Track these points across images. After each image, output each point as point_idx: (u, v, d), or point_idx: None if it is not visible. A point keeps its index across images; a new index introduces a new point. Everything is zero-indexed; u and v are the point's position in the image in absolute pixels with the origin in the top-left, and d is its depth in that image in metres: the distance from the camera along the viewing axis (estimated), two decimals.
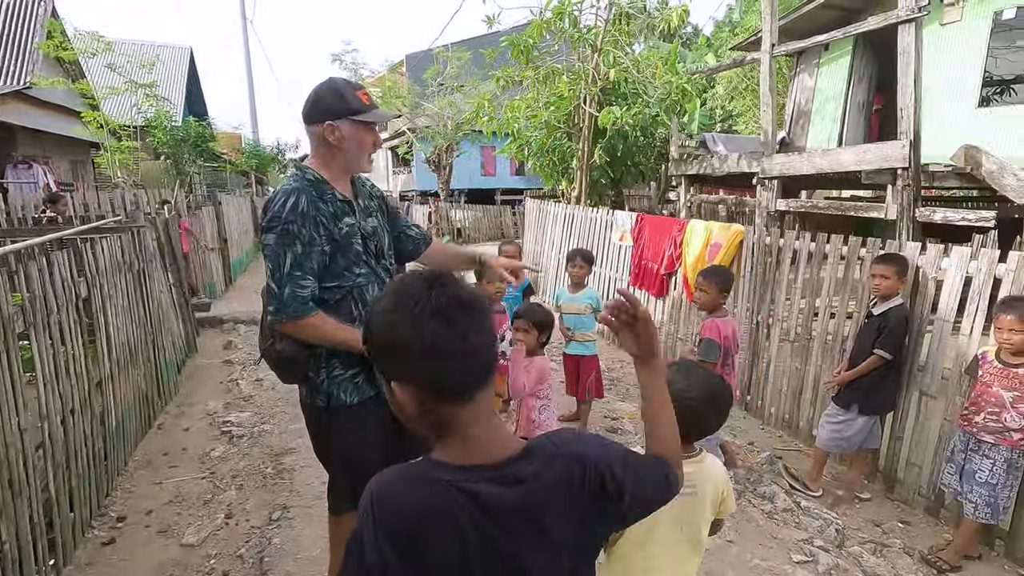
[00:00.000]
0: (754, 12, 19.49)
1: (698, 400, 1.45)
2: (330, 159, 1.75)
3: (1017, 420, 2.55)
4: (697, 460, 1.49)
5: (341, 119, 1.69)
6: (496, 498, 0.83)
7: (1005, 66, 7.15)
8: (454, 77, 15.17)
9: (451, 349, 0.81)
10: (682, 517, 1.47)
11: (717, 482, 1.50)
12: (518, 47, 7.02)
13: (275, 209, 1.63)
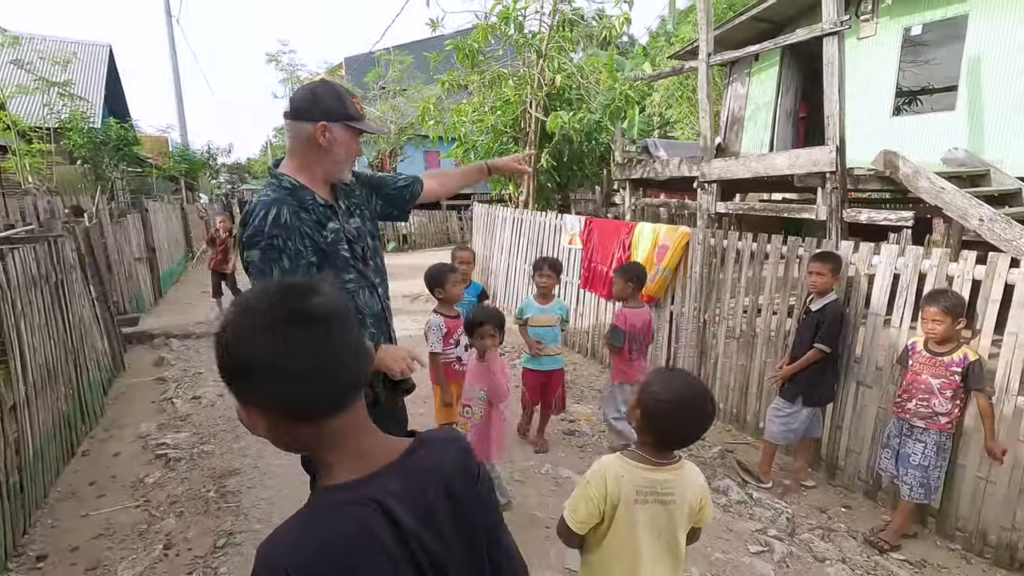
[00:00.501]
0: (688, 23, 20.32)
1: (672, 404, 1.42)
2: (313, 162, 1.68)
3: (944, 405, 2.74)
4: (676, 468, 1.48)
5: (336, 122, 1.65)
6: (406, 495, 0.79)
7: (912, 78, 7.76)
8: (396, 81, 14.96)
9: (297, 367, 0.72)
10: (659, 524, 1.47)
11: (696, 490, 1.49)
12: (463, 51, 6.98)
13: (256, 223, 1.56)
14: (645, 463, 1.47)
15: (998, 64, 6.66)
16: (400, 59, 14.87)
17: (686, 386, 1.46)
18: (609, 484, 1.46)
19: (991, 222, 4.96)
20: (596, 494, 1.46)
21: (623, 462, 1.49)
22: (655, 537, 1.47)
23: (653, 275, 4.97)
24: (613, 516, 1.47)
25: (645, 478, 1.45)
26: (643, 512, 1.45)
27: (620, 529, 1.47)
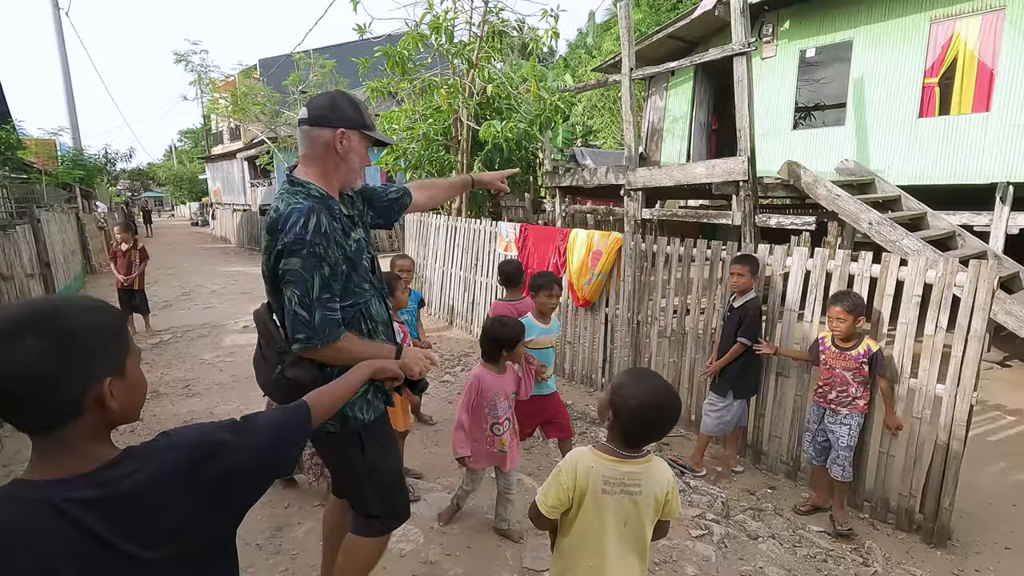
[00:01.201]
0: (609, 37, 21.24)
1: (644, 406, 1.50)
2: (332, 169, 1.70)
3: (860, 390, 3.08)
4: (644, 462, 1.55)
5: (353, 129, 1.69)
6: (86, 504, 0.82)
7: (808, 95, 8.57)
8: (318, 85, 14.49)
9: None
10: (626, 514, 1.55)
11: (662, 484, 1.56)
12: (393, 58, 6.93)
13: (297, 231, 1.53)
14: (614, 456, 1.55)
15: (878, 85, 7.51)
16: (322, 63, 14.41)
17: (657, 388, 1.53)
18: (579, 474, 1.54)
19: (878, 225, 5.58)
20: (566, 482, 1.55)
21: (594, 454, 1.57)
22: (622, 526, 1.56)
23: (588, 280, 5.17)
24: (581, 504, 1.56)
25: (614, 470, 1.54)
26: (610, 502, 1.54)
27: (588, 516, 1.56)
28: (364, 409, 1.75)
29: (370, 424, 1.77)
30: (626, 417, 1.52)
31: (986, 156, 6.60)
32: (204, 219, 33.50)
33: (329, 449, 1.83)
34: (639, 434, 1.55)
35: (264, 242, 1.62)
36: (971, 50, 6.69)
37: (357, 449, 1.76)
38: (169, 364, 5.83)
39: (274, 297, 1.68)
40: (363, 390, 1.73)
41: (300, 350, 1.59)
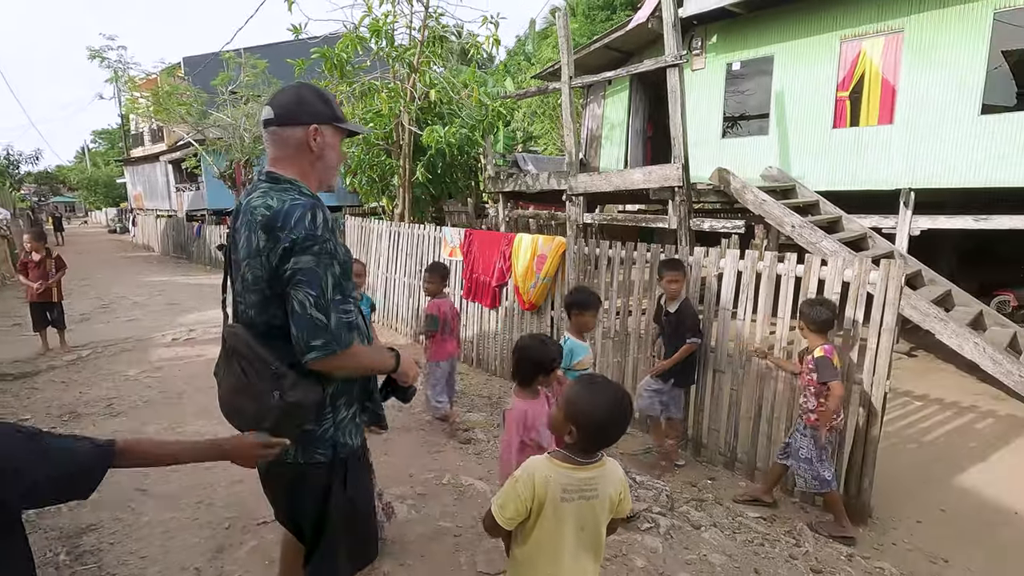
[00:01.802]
0: (547, 45, 21.64)
1: (604, 417, 1.53)
2: (309, 169, 1.56)
3: (811, 401, 3.18)
4: (598, 466, 1.57)
5: (326, 124, 1.54)
6: None
7: (735, 106, 9.08)
8: (250, 86, 13.92)
9: None
10: (583, 519, 1.56)
11: (616, 484, 1.59)
12: (331, 60, 6.77)
13: (307, 226, 1.38)
14: (572, 463, 1.55)
15: (797, 97, 8.06)
16: (253, 63, 13.86)
17: (612, 398, 1.55)
18: (537, 485, 1.53)
19: (800, 228, 5.99)
20: (524, 493, 1.53)
21: (551, 464, 1.56)
22: (579, 531, 1.57)
23: (534, 283, 5.24)
24: (540, 513, 1.54)
25: (571, 477, 1.54)
26: (570, 509, 1.54)
27: (547, 525, 1.55)
28: (353, 434, 1.62)
29: (356, 450, 1.63)
30: (590, 429, 1.52)
31: (891, 164, 7.23)
32: (123, 226, 31.39)
33: (307, 484, 1.58)
34: (599, 442, 1.56)
35: (258, 242, 1.41)
36: (876, 67, 7.31)
37: (340, 480, 1.59)
38: (89, 382, 5.41)
39: (264, 308, 1.47)
40: (354, 412, 1.62)
41: (317, 359, 1.40)
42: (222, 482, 3.40)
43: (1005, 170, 6.47)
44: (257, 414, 1.45)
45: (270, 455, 1.46)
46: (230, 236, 1.60)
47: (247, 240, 1.46)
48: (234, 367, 1.48)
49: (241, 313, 1.56)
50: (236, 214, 1.57)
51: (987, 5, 6.47)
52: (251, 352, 1.45)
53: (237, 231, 1.53)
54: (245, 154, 14.38)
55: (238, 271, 1.52)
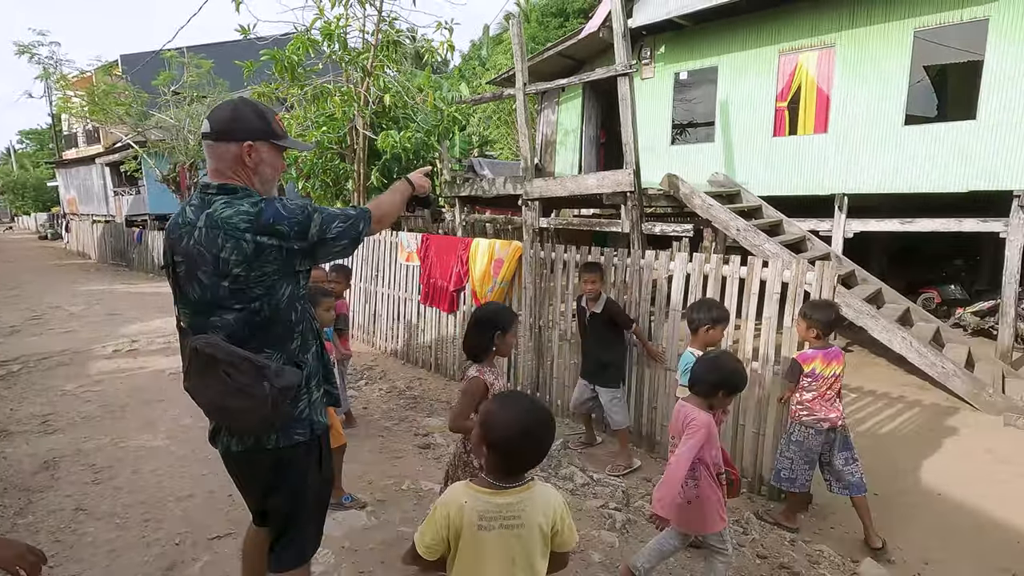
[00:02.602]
0: (502, 51, 21.79)
1: (516, 434, 1.42)
2: (246, 182, 1.65)
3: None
4: (522, 490, 1.44)
5: (261, 140, 1.64)
6: None
7: (683, 114, 9.43)
8: (194, 86, 13.42)
9: None
10: (511, 551, 1.42)
11: (547, 511, 1.44)
12: (281, 63, 6.64)
13: (292, 209, 1.61)
14: (489, 488, 1.44)
15: (740, 106, 8.44)
16: (197, 62, 13.37)
17: (525, 412, 1.45)
18: (452, 512, 1.42)
19: (745, 231, 6.27)
20: (440, 520, 1.44)
21: (468, 489, 1.46)
22: (509, 564, 1.42)
23: (491, 288, 5.29)
24: (458, 544, 1.43)
25: (489, 502, 1.42)
26: (490, 539, 1.41)
27: (465, 557, 1.43)
28: (323, 413, 1.77)
29: (326, 428, 1.80)
30: (500, 449, 1.43)
31: (826, 171, 7.67)
32: (55, 231, 29.57)
33: (289, 466, 1.70)
34: (516, 464, 1.45)
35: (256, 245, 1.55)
36: (811, 79, 7.75)
37: (315, 459, 1.74)
38: (20, 398, 5.10)
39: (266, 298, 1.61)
40: (324, 389, 1.79)
41: (367, 229, 1.76)
42: (170, 498, 3.28)
43: (926, 177, 6.98)
44: (253, 406, 1.54)
45: None
46: (183, 255, 1.61)
47: (236, 248, 1.54)
48: (217, 374, 1.53)
49: (203, 325, 1.62)
50: (189, 229, 1.59)
51: (908, 23, 6.97)
52: (233, 356, 1.53)
53: (202, 246, 1.56)
54: (190, 157, 13.85)
55: (219, 281, 1.57)
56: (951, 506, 3.77)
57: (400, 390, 5.46)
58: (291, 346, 1.68)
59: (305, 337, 1.73)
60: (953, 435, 4.85)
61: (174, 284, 1.67)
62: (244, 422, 1.60)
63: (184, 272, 1.61)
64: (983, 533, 3.46)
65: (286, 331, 1.67)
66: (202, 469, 3.61)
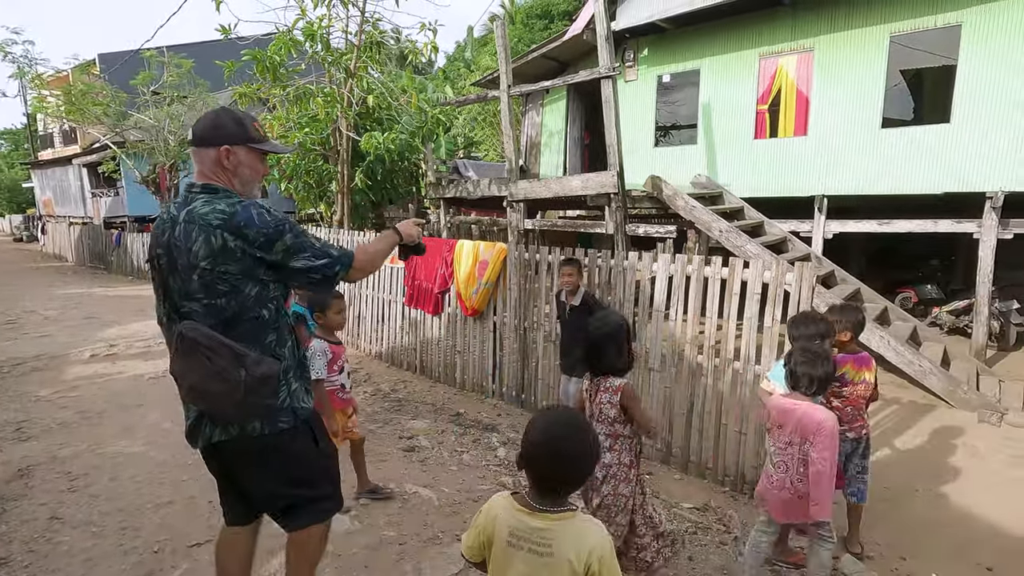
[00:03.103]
0: (486, 52, 21.79)
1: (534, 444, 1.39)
2: (227, 184, 1.78)
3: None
4: (558, 518, 1.34)
5: (238, 145, 1.76)
6: None
7: (666, 116, 9.51)
8: (174, 86, 13.23)
9: None
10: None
11: (581, 550, 1.32)
12: (263, 63, 6.57)
13: (268, 218, 1.69)
14: (525, 507, 1.37)
15: (722, 109, 8.54)
16: (177, 62, 13.19)
17: (549, 425, 1.41)
18: (487, 520, 1.41)
19: (727, 232, 6.34)
20: (479, 525, 1.43)
21: (506, 502, 1.42)
22: None
23: (476, 289, 5.29)
24: (491, 553, 1.41)
25: (521, 521, 1.36)
26: (518, 559, 1.36)
27: (495, 570, 1.40)
28: (305, 398, 1.87)
29: (311, 409, 1.90)
30: (527, 463, 1.38)
31: (806, 173, 7.79)
32: (31, 234, 28.95)
33: (278, 452, 1.81)
34: (545, 481, 1.37)
35: (223, 242, 1.64)
36: (791, 83, 7.87)
37: (310, 439, 1.86)
38: None
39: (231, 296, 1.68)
40: (305, 379, 1.90)
41: (347, 276, 1.82)
42: (149, 504, 3.23)
43: (902, 179, 7.12)
44: (228, 390, 1.63)
45: None
46: (164, 247, 1.72)
47: (206, 243, 1.64)
48: (198, 358, 1.63)
49: (195, 311, 1.70)
50: (170, 224, 1.71)
51: (884, 28, 7.11)
52: (213, 340, 1.63)
53: (180, 239, 1.67)
54: (170, 158, 13.65)
55: (191, 273, 1.67)
56: (928, 501, 3.84)
57: (385, 393, 5.43)
58: (265, 340, 1.76)
59: (281, 333, 1.81)
60: (930, 432, 4.95)
61: (158, 277, 1.77)
62: (219, 406, 1.68)
63: (166, 264, 1.72)
64: (959, 528, 3.54)
65: (257, 327, 1.74)
66: (182, 475, 3.56)
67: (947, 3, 6.68)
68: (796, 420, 2.40)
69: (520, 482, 3.59)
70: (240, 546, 2.03)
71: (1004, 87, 6.43)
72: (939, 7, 6.74)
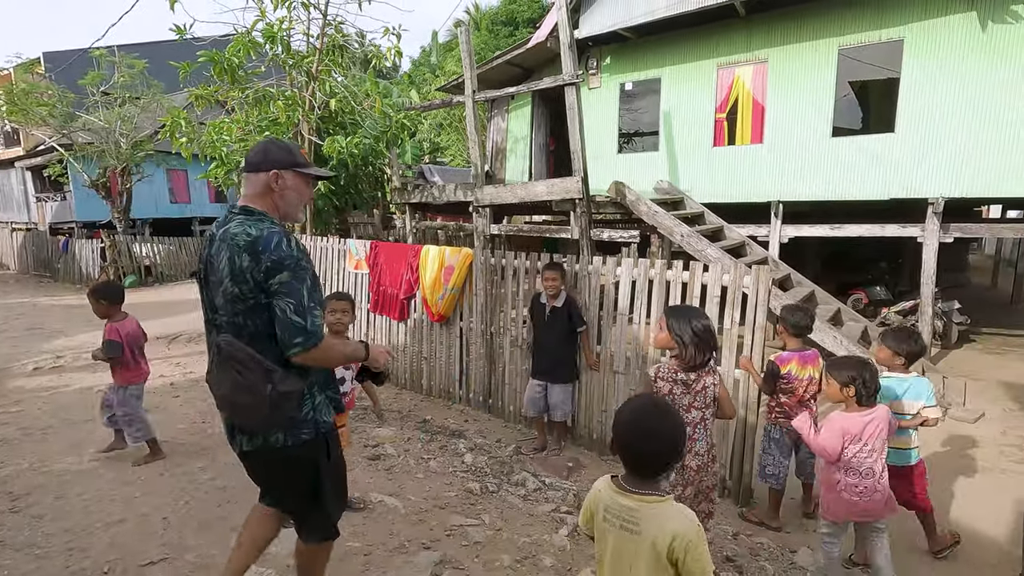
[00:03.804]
0: (452, 58, 21.78)
1: (620, 426, 1.51)
2: (273, 205, 1.91)
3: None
4: (648, 500, 1.44)
5: (286, 169, 1.89)
6: None
7: (629, 124, 9.69)
8: (126, 87, 12.75)
9: None
10: (627, 555, 1.46)
11: (665, 532, 1.39)
12: (221, 65, 6.39)
13: (284, 249, 1.74)
14: (618, 487, 1.50)
15: (682, 117, 8.75)
16: (129, 62, 12.71)
17: (637, 408, 1.53)
18: (592, 497, 1.57)
19: (688, 237, 6.49)
20: (587, 501, 1.59)
21: (605, 483, 1.55)
22: (626, 568, 1.45)
23: (442, 295, 5.26)
24: (594, 527, 1.58)
25: (614, 500, 1.49)
26: (611, 534, 1.49)
27: (597, 542, 1.56)
28: (327, 412, 1.98)
29: (331, 425, 2.00)
30: (618, 445, 1.51)
31: (763, 179, 8.05)
32: None
33: (299, 463, 1.92)
34: (633, 461, 1.49)
35: (241, 263, 1.73)
36: (748, 92, 8.13)
37: (323, 452, 1.94)
38: None
39: (251, 316, 1.77)
40: (328, 393, 2.00)
41: (298, 353, 1.73)
42: (98, 524, 3.08)
43: (852, 185, 7.44)
44: (255, 403, 1.74)
45: None
46: (204, 261, 1.90)
47: (230, 261, 1.75)
48: (230, 371, 1.74)
49: (224, 324, 1.81)
50: (211, 241, 1.87)
51: (833, 41, 7.43)
52: (246, 355, 1.74)
53: (214, 256, 1.81)
54: (121, 161, 13.13)
55: (219, 288, 1.79)
56: None
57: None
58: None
59: None
60: None
61: (202, 288, 1.92)
62: (246, 418, 1.80)
63: (204, 277, 1.89)
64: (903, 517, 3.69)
65: (277, 346, 1.77)
66: (135, 491, 3.41)
67: (890, 18, 7.03)
68: (876, 426, 2.63)
69: (488, 488, 3.58)
70: (262, 524, 2.12)
71: (943, 99, 6.80)
72: (883, 22, 7.09)
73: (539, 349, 4.33)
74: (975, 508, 3.81)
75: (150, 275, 14.59)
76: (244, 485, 3.44)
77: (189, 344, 7.57)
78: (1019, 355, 7.33)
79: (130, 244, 14.30)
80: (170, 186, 18.46)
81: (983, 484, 4.16)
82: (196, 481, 3.51)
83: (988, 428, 5.15)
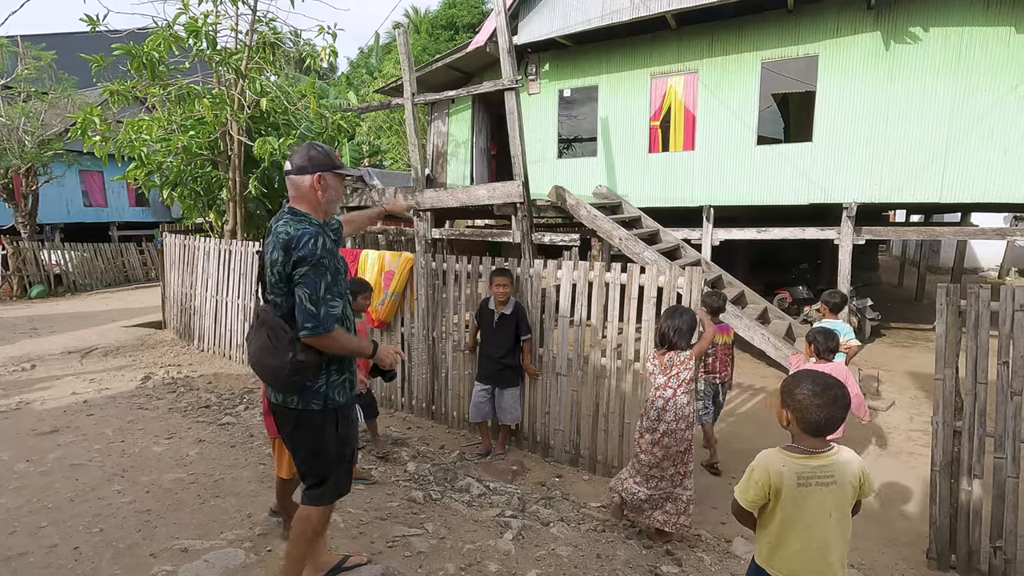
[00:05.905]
0: (390, 60, 21.41)
1: (812, 396, 1.71)
2: (316, 205, 2.16)
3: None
4: (830, 454, 1.75)
5: (328, 171, 2.15)
6: None
7: (568, 129, 9.87)
8: (31, 80, 11.75)
9: None
10: (829, 506, 1.74)
11: (854, 471, 1.76)
12: (139, 59, 6.00)
13: (309, 248, 1.99)
14: (803, 453, 1.74)
15: (619, 124, 9.00)
16: (35, 53, 11.73)
17: (815, 381, 1.74)
18: (771, 474, 1.73)
19: (626, 240, 6.67)
20: (760, 480, 1.75)
21: (782, 455, 1.76)
22: (827, 517, 1.73)
23: (383, 300, 5.14)
24: (779, 499, 1.74)
25: (804, 465, 1.73)
26: (810, 495, 1.72)
27: (788, 508, 1.74)
28: (341, 393, 2.20)
29: (343, 405, 2.22)
30: (802, 413, 1.73)
31: (695, 185, 8.40)
32: None
33: (308, 424, 2.16)
34: (818, 424, 1.72)
35: (276, 257, 2.02)
36: (680, 101, 8.47)
37: (332, 425, 2.18)
38: None
39: (286, 298, 2.06)
40: (344, 377, 2.21)
41: (307, 336, 2.00)
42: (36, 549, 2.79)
43: (776, 191, 7.90)
44: (277, 365, 2.03)
45: None
46: (263, 247, 2.19)
47: (271, 253, 2.05)
48: (262, 334, 2.08)
49: (268, 299, 2.13)
50: (268, 232, 2.15)
51: (756, 55, 7.87)
52: (277, 324, 2.06)
53: (267, 246, 2.12)
54: (26, 161, 12.07)
55: (266, 272, 2.11)
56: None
57: None
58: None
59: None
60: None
61: (261, 267, 2.19)
62: (268, 376, 2.10)
63: (262, 259, 2.16)
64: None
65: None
66: (41, 520, 3.11)
67: (806, 35, 7.53)
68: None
69: (431, 496, 3.52)
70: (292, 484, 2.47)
71: (853, 111, 7.35)
72: (800, 38, 7.58)
73: (484, 355, 4.31)
74: (887, 489, 4.11)
75: (61, 284, 13.46)
76: (167, 506, 3.22)
77: (106, 358, 7.02)
78: (923, 347, 7.99)
79: (37, 251, 13.15)
80: (84, 188, 17.15)
81: (894, 467, 4.50)
82: (113, 505, 3.25)
83: (898, 415, 5.58)
